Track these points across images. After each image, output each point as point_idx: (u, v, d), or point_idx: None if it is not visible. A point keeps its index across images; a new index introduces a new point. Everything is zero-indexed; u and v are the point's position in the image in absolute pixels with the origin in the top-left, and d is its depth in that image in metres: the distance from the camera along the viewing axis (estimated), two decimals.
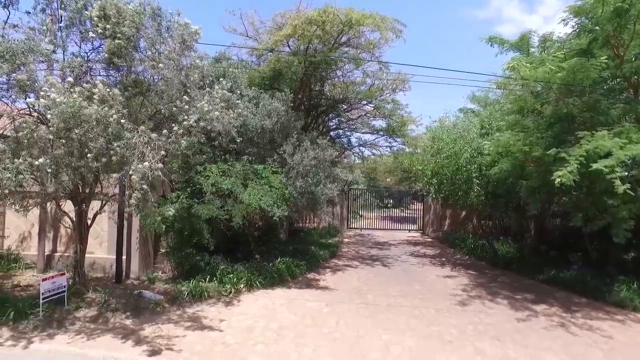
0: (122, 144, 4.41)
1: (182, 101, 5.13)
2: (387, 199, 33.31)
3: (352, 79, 12.72)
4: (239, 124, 7.67)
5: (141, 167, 4.20)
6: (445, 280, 9.63)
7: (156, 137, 4.58)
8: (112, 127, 4.42)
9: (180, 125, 4.98)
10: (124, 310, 6.21)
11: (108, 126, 4.40)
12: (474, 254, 12.70)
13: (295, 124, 9.27)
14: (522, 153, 7.69)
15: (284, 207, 7.70)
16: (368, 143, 15.41)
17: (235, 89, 8.74)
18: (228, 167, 7.96)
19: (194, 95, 5.46)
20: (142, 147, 4.42)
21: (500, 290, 8.75)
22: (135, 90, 5.33)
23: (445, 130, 11.86)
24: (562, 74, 6.65)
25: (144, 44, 5.24)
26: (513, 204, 11.20)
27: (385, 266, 11.23)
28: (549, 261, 10.38)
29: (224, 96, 5.86)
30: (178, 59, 5.27)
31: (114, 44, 4.82)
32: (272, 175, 8.00)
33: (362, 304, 7.43)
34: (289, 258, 9.63)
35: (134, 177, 4.17)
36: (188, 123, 4.98)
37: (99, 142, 4.45)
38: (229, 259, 9.05)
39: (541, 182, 8.08)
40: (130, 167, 4.23)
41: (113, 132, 4.46)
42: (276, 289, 8.27)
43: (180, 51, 5.32)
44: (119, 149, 4.40)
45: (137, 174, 4.18)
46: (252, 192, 7.54)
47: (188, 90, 5.30)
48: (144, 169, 4.21)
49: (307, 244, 12.49)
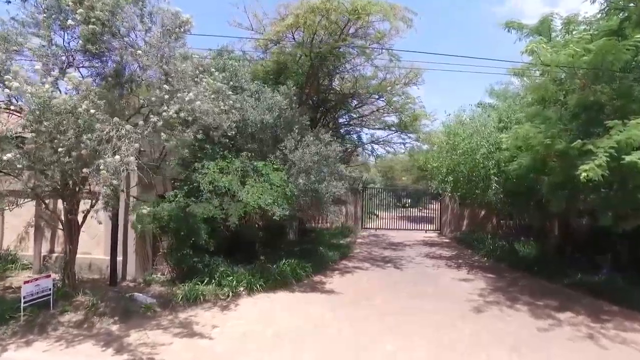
0: (93, 137, 4.05)
1: (162, 91, 4.74)
2: (404, 199, 32.50)
3: (363, 72, 12.19)
4: (236, 118, 7.28)
5: (111, 160, 3.83)
6: (461, 284, 9.01)
7: (131, 129, 4.20)
8: (82, 118, 4.07)
9: (160, 116, 4.59)
10: (112, 314, 5.87)
11: (78, 117, 4.05)
12: (493, 256, 11.99)
13: (300, 119, 8.82)
14: (544, 146, 7.02)
15: (285, 206, 7.26)
16: (381, 140, 14.80)
17: (235, 83, 8.37)
18: (227, 164, 7.57)
19: (181, 86, 5.05)
20: (117, 140, 4.05)
21: (520, 295, 8.09)
22: (115, 80, 4.98)
23: (461, 124, 11.18)
24: (589, 57, 5.97)
25: (124, 30, 4.88)
26: (534, 202, 10.44)
27: (398, 268, 10.66)
28: (574, 264, 9.62)
29: (215, 87, 5.44)
30: (159, 46, 4.88)
31: (88, 30, 4.46)
32: (273, 172, 7.56)
33: (369, 310, 6.92)
34: (294, 259, 9.19)
35: (104, 172, 3.80)
36: (168, 114, 4.58)
37: (68, 134, 4.11)
38: (231, 261, 8.66)
39: (565, 178, 7.39)
40: (101, 162, 3.85)
41: (84, 123, 4.11)
42: (278, 292, 7.84)
43: (162, 38, 4.93)
44: (89, 141, 4.05)
45: (108, 168, 3.81)
46: (250, 191, 7.13)
47: (170, 79, 4.91)
48: (115, 163, 3.84)
49: (316, 244, 12.03)
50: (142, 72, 5.00)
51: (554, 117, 7.21)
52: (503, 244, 12.31)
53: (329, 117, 13.17)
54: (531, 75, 7.42)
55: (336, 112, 13.12)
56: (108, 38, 4.72)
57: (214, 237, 8.07)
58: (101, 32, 4.57)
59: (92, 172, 4.00)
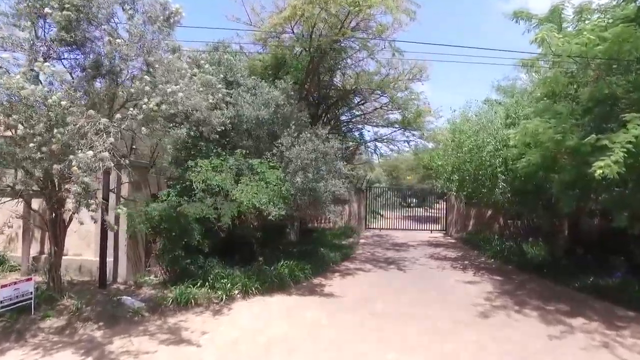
0: (65, 131, 3.76)
1: (143, 82, 4.43)
2: (409, 198, 32.02)
3: (365, 68, 11.81)
4: (231, 114, 6.99)
5: (83, 156, 3.53)
6: (466, 287, 8.63)
7: (107, 123, 3.90)
8: (53, 111, 3.78)
9: (140, 109, 4.28)
10: (97, 319, 5.58)
11: (50, 110, 3.76)
12: (500, 257, 11.58)
13: (299, 115, 8.49)
14: (554, 142, 6.63)
15: (281, 205, 6.94)
16: (384, 137, 14.38)
17: (230, 77, 8.06)
18: (221, 162, 7.26)
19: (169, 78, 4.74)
20: (93, 135, 3.75)
21: (529, 299, 7.70)
22: (95, 72, 4.68)
23: (467, 121, 10.79)
24: (604, 46, 5.56)
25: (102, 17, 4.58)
26: (543, 201, 10.03)
27: (401, 270, 10.30)
28: (585, 266, 9.20)
29: (204, 80, 5.13)
30: (141, 35, 4.58)
31: (61, 16, 4.17)
32: (269, 170, 7.25)
33: (369, 315, 6.58)
34: (293, 261, 8.88)
35: (75, 169, 3.51)
36: (148, 107, 4.27)
37: (38, 127, 3.82)
38: (227, 262, 8.37)
39: (576, 176, 7.01)
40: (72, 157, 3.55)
41: (56, 116, 3.82)
42: (275, 295, 7.52)
43: (144, 26, 4.63)
44: (61, 135, 3.75)
45: (80, 164, 3.51)
46: (245, 189, 6.82)
47: (151, 70, 4.60)
48: (87, 159, 3.54)
49: (318, 245, 11.70)
50: (123, 63, 4.70)
51: (565, 111, 6.81)
52: (510, 244, 11.90)
53: (330, 114, 12.80)
54: (540, 68, 7.00)
55: (338, 109, 12.74)
56: (85, 26, 4.44)
57: (208, 237, 7.77)
58: (77, 19, 4.28)
59: (63, 168, 3.72)
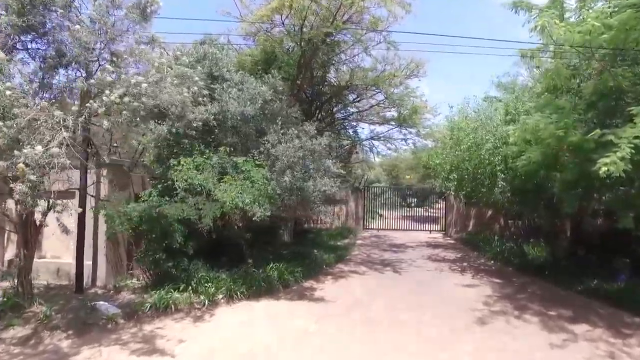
0: (13, 124, 3.41)
1: (105, 72, 4.08)
2: (410, 198, 31.62)
3: (360, 64, 11.42)
4: (215, 110, 6.63)
5: (29, 151, 3.18)
6: (465, 290, 8.26)
7: (61, 115, 3.55)
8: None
9: (101, 102, 3.93)
10: (66, 327, 5.23)
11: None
12: (500, 258, 11.20)
13: (289, 111, 8.13)
14: (555, 139, 6.25)
15: (267, 206, 6.58)
16: (381, 136, 14.00)
17: (216, 72, 7.70)
18: (204, 160, 6.90)
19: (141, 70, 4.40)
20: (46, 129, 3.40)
21: (530, 303, 7.32)
22: (56, 61, 4.33)
23: (465, 117, 10.41)
24: (609, 34, 5.18)
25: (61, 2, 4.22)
26: (544, 201, 9.65)
27: (397, 272, 9.92)
28: (588, 268, 8.81)
29: (179, 71, 4.77)
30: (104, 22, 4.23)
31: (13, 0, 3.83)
32: (255, 169, 6.89)
33: (360, 321, 6.21)
34: (284, 263, 8.53)
35: (20, 165, 3.16)
36: (109, 99, 3.92)
37: None
38: (213, 265, 8.03)
39: (579, 175, 6.64)
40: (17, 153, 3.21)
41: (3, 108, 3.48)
42: (262, 300, 7.16)
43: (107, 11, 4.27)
44: (7, 129, 3.40)
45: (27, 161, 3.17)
46: (228, 189, 6.46)
47: (115, 60, 4.25)
48: (33, 155, 3.20)
49: (312, 246, 11.35)
50: (85, 52, 4.34)
51: (568, 106, 6.44)
52: (511, 245, 11.52)
53: (324, 112, 12.41)
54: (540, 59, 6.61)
55: (332, 106, 12.36)
56: (41, 10, 4.09)
57: (193, 239, 7.42)
58: (30, 3, 3.94)
59: (9, 166, 3.36)
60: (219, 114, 6.98)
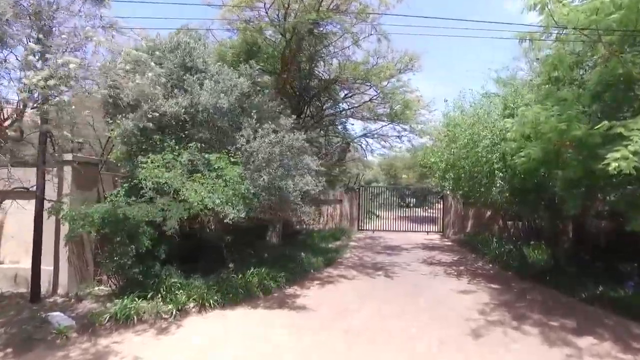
0: None
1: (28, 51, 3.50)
2: (408, 198, 31.00)
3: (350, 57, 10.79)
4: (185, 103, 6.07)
5: None
6: (460, 297, 7.69)
7: None
8: None
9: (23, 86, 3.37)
10: (7, 344, 4.65)
11: None
12: (499, 262, 10.62)
13: (270, 105, 7.55)
14: (557, 133, 5.68)
15: (241, 206, 6.01)
16: (374, 133, 13.36)
17: (189, 63, 7.13)
18: (174, 157, 6.33)
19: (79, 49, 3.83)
20: None
21: (530, 312, 6.75)
22: None
23: (461, 112, 9.82)
24: (620, 14, 4.61)
25: None
26: (545, 201, 9.07)
27: (389, 277, 9.34)
28: (592, 273, 8.24)
29: (133, 56, 4.21)
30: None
31: None
32: (229, 166, 6.31)
33: (342, 333, 5.64)
34: (266, 268, 7.97)
35: None
36: (30, 81, 3.35)
37: None
38: (189, 270, 7.47)
39: (583, 172, 6.08)
40: None
41: None
42: (238, 308, 6.60)
43: None
44: None
45: None
46: (199, 188, 5.89)
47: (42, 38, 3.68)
48: None
49: (301, 249, 10.77)
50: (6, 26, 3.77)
51: (571, 97, 5.85)
52: (510, 248, 10.93)
53: (314, 107, 11.80)
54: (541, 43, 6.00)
55: (321, 102, 11.75)
56: None
57: (166, 242, 6.88)
58: None
59: None
60: (191, 107, 6.42)
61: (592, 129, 5.41)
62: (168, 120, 6.44)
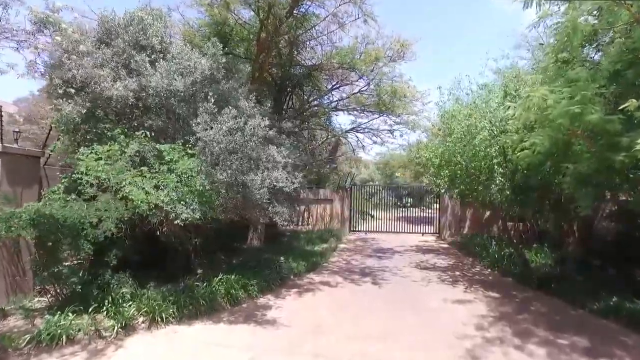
0: None
1: None
2: (405, 198, 30.10)
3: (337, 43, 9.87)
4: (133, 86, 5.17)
5: None
6: (454, 309, 6.79)
7: None
8: None
9: None
10: None
11: None
12: (498, 267, 9.72)
13: (239, 91, 6.63)
14: (569, 118, 4.77)
15: (195, 206, 5.08)
16: (363, 126, 12.35)
17: (144, 41, 6.20)
18: (121, 148, 5.41)
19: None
20: None
21: (535, 327, 5.84)
22: None
23: (456, 100, 8.90)
24: None
25: None
26: (550, 200, 8.18)
27: (376, 284, 8.42)
28: (604, 280, 7.37)
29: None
30: None
31: None
32: (184, 159, 5.39)
33: (310, 357, 4.73)
34: (237, 274, 7.06)
35: None
36: None
37: None
38: (148, 278, 6.60)
39: (598, 166, 5.18)
40: None
41: None
42: (196, 323, 5.69)
43: None
44: None
45: None
46: (143, 184, 4.96)
47: None
48: None
49: (283, 252, 9.86)
50: None
51: (584, 76, 4.94)
52: (510, 251, 10.01)
53: (297, 97, 10.83)
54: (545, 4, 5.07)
55: (304, 92, 10.75)
56: None
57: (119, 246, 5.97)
58: None
59: None
60: (141, 91, 5.50)
61: (610, 115, 4.52)
62: (116, 106, 5.51)
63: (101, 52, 5.83)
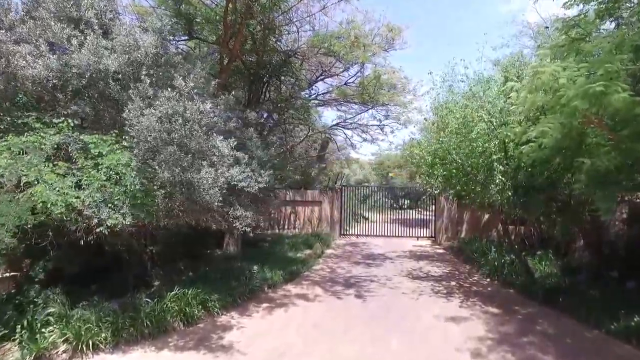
0: None
1: None
2: (400, 199, 29.10)
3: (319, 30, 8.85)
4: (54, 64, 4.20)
5: None
6: (447, 328, 5.82)
7: None
8: None
9: None
10: None
11: None
12: (498, 276, 8.73)
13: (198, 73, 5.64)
14: (588, 99, 3.81)
15: (126, 209, 4.10)
16: (351, 122, 11.34)
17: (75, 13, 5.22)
18: (39, 138, 4.42)
19: None
20: None
21: (543, 354, 4.89)
22: None
23: (449, 89, 7.93)
24: None
25: None
26: (557, 202, 7.22)
27: (360, 297, 7.44)
28: (620, 293, 6.40)
29: None
30: None
31: None
32: (115, 153, 4.42)
33: None
34: (196, 288, 6.07)
35: None
36: None
37: None
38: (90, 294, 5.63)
39: (621, 160, 4.25)
40: None
41: None
42: (135, 350, 4.72)
43: None
44: None
45: None
46: (60, 183, 3.98)
47: None
48: None
49: (260, 260, 8.86)
50: None
51: (608, 47, 3.98)
52: (512, 258, 9.02)
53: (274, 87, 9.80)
54: None
55: (281, 81, 9.70)
56: None
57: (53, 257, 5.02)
58: None
59: None
60: (66, 71, 4.53)
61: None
62: (35, 88, 4.53)
63: (25, 27, 4.85)
